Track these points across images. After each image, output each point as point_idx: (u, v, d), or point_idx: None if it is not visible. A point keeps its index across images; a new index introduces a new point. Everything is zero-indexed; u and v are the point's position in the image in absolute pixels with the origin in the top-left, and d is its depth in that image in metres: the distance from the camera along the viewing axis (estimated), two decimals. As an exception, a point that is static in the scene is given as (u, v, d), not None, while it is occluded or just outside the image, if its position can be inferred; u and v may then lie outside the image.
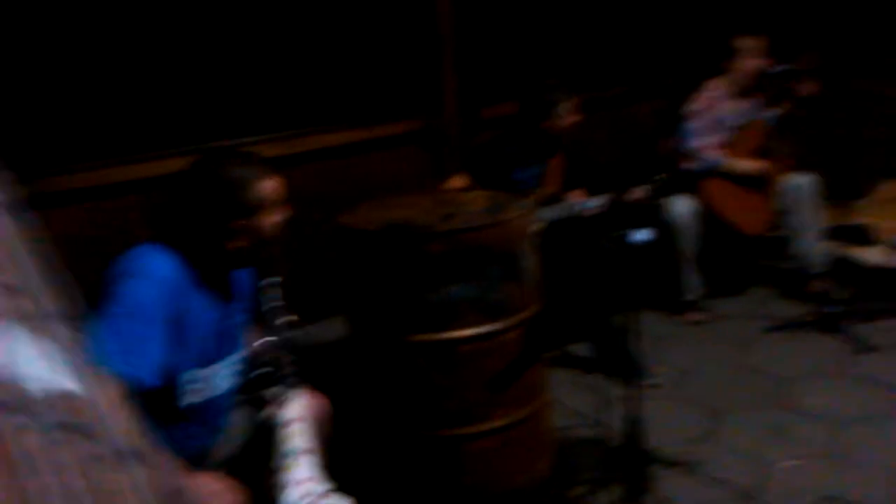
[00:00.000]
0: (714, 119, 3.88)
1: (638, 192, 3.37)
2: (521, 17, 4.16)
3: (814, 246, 3.94)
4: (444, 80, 3.68)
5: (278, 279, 1.93)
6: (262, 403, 1.89)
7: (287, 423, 1.81)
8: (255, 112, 3.34)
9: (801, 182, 3.93)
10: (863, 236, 4.30)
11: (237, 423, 2.04)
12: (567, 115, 3.42)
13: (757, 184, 3.91)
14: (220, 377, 1.93)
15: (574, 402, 3.09)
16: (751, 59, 3.85)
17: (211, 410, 1.93)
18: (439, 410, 2.36)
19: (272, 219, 1.87)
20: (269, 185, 1.86)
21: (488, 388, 2.36)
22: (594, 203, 3.39)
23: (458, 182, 3.38)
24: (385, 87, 3.70)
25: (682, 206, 3.76)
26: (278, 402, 1.84)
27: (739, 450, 2.80)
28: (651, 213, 3.81)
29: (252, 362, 1.99)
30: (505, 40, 4.10)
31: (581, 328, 3.51)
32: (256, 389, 1.92)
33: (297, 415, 1.84)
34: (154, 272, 1.73)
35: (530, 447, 2.51)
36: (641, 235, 4.01)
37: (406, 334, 2.35)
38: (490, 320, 2.33)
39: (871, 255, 4.14)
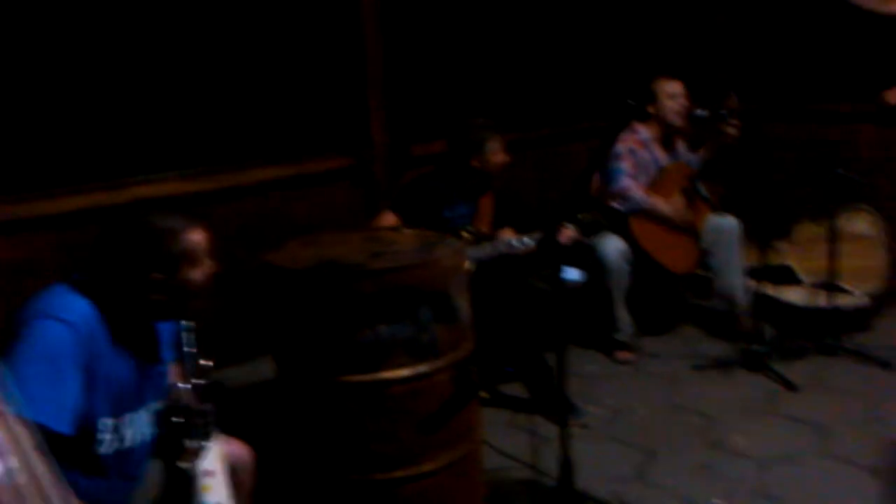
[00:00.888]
0: (640, 161, 3.95)
1: (568, 232, 3.39)
2: (451, 57, 4.19)
3: (738, 285, 4.03)
4: (372, 117, 3.66)
5: (192, 324, 1.85)
6: (178, 454, 1.79)
7: (204, 475, 1.72)
8: (178, 146, 3.26)
9: (724, 223, 4.03)
10: (785, 276, 4.42)
11: (152, 475, 1.93)
12: (496, 154, 3.43)
13: (683, 224, 3.99)
14: (137, 427, 1.82)
15: (506, 442, 3.05)
16: (675, 103, 3.95)
17: (129, 461, 1.82)
18: (370, 454, 2.29)
19: (197, 272, 1.81)
20: (194, 238, 1.80)
21: (420, 430, 2.30)
22: (524, 242, 3.39)
23: (387, 220, 3.34)
24: (313, 122, 3.66)
25: (611, 246, 3.80)
26: (195, 452, 1.75)
27: (669, 489, 2.80)
28: (581, 253, 3.84)
29: (168, 411, 1.89)
30: (435, 78, 4.12)
31: (513, 368, 3.49)
32: (172, 439, 1.82)
33: (216, 465, 1.75)
34: (69, 315, 1.64)
35: (463, 490, 2.45)
36: (572, 275, 4.04)
37: (335, 375, 2.28)
38: (421, 361, 2.28)
39: (793, 295, 4.26)
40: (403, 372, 2.25)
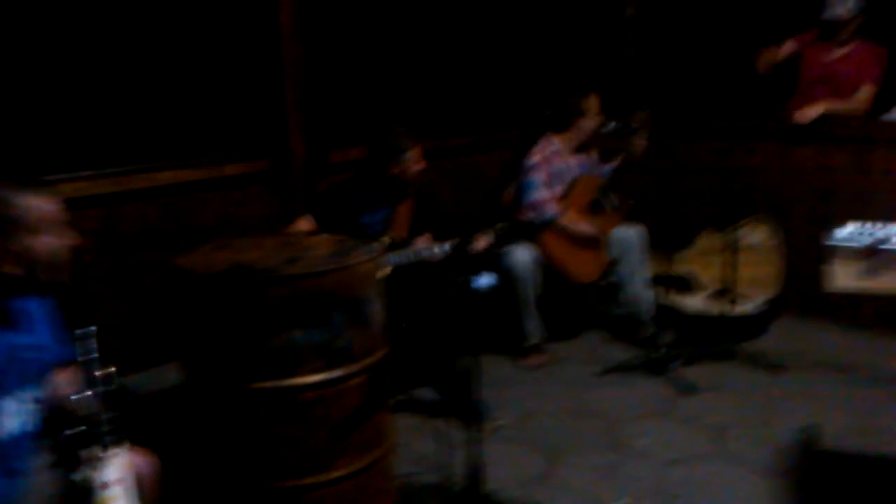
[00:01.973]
0: (551, 173, 4.06)
1: (481, 240, 3.45)
2: (370, 64, 4.20)
3: (642, 293, 4.18)
4: (289, 121, 3.63)
5: (93, 328, 1.80)
6: (76, 464, 1.73)
7: (104, 486, 1.68)
8: (90, 147, 3.17)
9: (629, 233, 4.18)
10: (686, 285, 4.62)
11: (43, 482, 1.86)
12: (415, 162, 3.47)
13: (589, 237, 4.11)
14: (7, 414, 1.77)
15: (418, 447, 3.08)
16: (585, 117, 4.08)
17: (2, 452, 1.76)
18: (281, 460, 2.29)
19: (47, 241, 1.76)
20: (43, 206, 1.76)
21: (332, 436, 2.31)
22: (440, 249, 3.43)
23: (303, 225, 3.34)
24: (230, 125, 3.62)
25: (522, 255, 3.88)
26: (94, 462, 1.70)
27: (574, 490, 2.89)
28: (493, 261, 3.92)
29: (64, 418, 1.83)
30: (354, 85, 4.12)
31: (425, 372, 3.53)
32: (70, 449, 1.76)
33: (117, 476, 1.71)
34: None
35: (374, 495, 2.47)
36: (484, 281, 4.10)
37: (246, 381, 2.26)
38: (334, 367, 2.29)
39: (693, 303, 4.45)
40: (316, 377, 2.26)
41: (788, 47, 4.59)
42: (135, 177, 3.26)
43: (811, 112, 4.30)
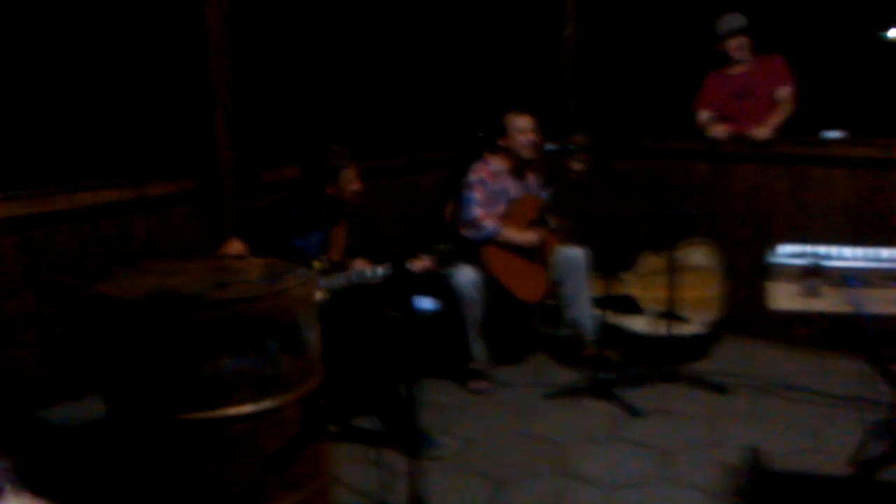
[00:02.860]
0: (491, 191, 4.01)
1: (422, 262, 3.37)
2: (303, 82, 4.11)
3: (585, 314, 4.14)
4: (218, 139, 3.50)
5: None
6: None
7: None
8: (6, 166, 3.00)
9: (572, 254, 4.15)
10: (629, 306, 4.60)
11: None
12: (351, 182, 3.38)
13: (533, 254, 4.07)
14: None
15: (358, 478, 2.96)
16: (525, 137, 4.05)
17: None
18: (211, 496, 2.15)
19: None
20: None
21: (265, 469, 2.19)
22: (378, 272, 3.34)
23: (234, 248, 3.20)
24: (155, 143, 3.47)
25: (465, 276, 3.81)
26: None
27: (522, 520, 2.80)
28: (435, 283, 3.84)
29: None
30: (288, 101, 4.02)
31: (365, 400, 3.41)
32: None
33: None
34: None
35: (310, 532, 2.34)
36: (425, 304, 4.03)
37: (173, 413, 2.13)
38: (267, 396, 2.17)
39: (637, 324, 4.43)
40: (247, 408, 2.14)
41: (704, 118, 4.79)
42: (53, 198, 3.08)
43: (763, 132, 4.44)
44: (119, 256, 3.26)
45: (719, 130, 4.67)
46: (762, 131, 4.45)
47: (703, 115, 4.79)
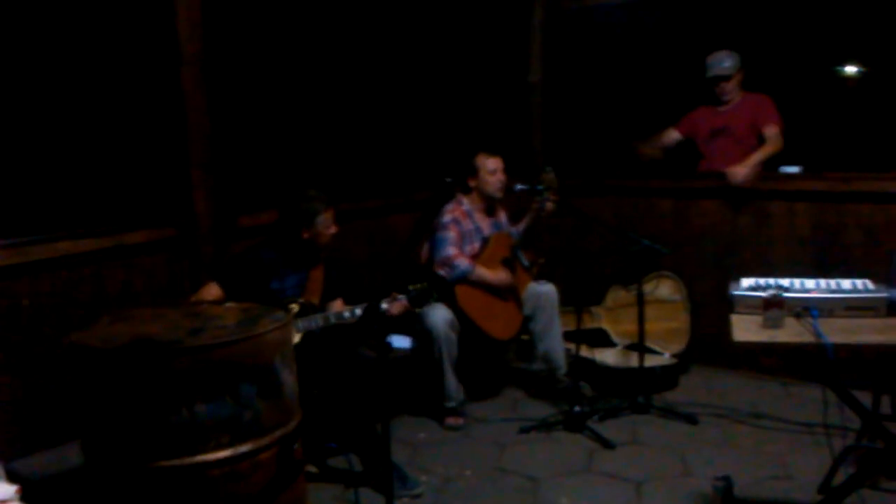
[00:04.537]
0: (464, 231, 4.10)
1: (397, 304, 3.43)
2: (279, 128, 4.18)
3: (556, 348, 4.22)
4: (195, 186, 3.56)
5: None
6: None
7: None
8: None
9: (542, 290, 4.23)
10: (600, 339, 4.69)
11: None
12: (327, 227, 3.44)
13: (506, 291, 4.15)
14: None
15: (335, 519, 2.99)
16: (494, 178, 4.15)
17: None
18: (187, 543, 2.18)
19: None
20: None
21: (242, 513, 2.22)
22: (357, 313, 3.38)
23: (211, 293, 3.25)
24: (132, 192, 3.51)
25: (438, 315, 3.87)
26: None
27: (498, 555, 2.84)
28: (409, 322, 3.90)
29: None
30: (263, 149, 4.09)
31: (341, 440, 3.44)
32: None
33: None
34: None
35: (288, 574, 2.37)
36: (400, 343, 4.08)
37: (149, 460, 2.16)
38: (243, 441, 2.21)
39: (607, 357, 4.52)
40: (223, 453, 2.17)
41: (670, 136, 4.86)
42: (32, 248, 3.11)
43: (740, 172, 4.41)
44: (97, 304, 3.28)
45: (669, 136, 4.77)
46: (738, 172, 4.40)
47: (671, 134, 4.84)
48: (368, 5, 4.59)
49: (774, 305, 2.60)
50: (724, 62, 4.58)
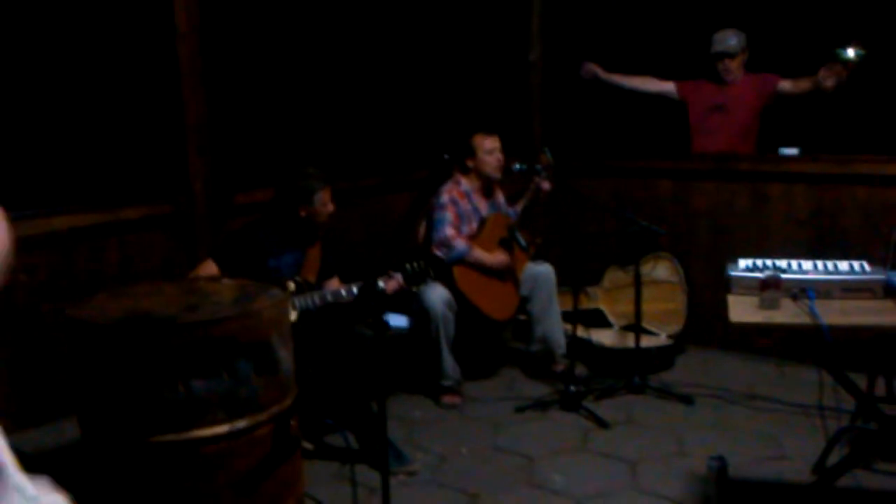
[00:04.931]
0: (462, 211, 4.09)
1: (392, 281, 3.43)
2: (276, 104, 4.16)
3: (554, 329, 4.23)
4: (191, 162, 3.54)
5: None
6: None
7: None
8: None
9: (540, 270, 4.23)
10: (597, 320, 4.70)
11: None
12: (324, 204, 3.43)
13: (504, 272, 4.15)
14: None
15: (332, 496, 3.00)
16: (492, 157, 4.13)
17: None
18: (183, 518, 2.18)
19: None
20: None
21: (237, 490, 2.22)
22: (349, 292, 3.38)
23: (207, 270, 3.24)
24: (129, 168, 3.50)
25: (436, 294, 3.87)
26: None
27: (493, 532, 2.86)
28: (406, 301, 3.90)
29: None
30: (260, 126, 4.07)
31: (338, 417, 3.45)
32: None
33: None
34: None
35: (284, 549, 2.38)
36: (397, 322, 4.08)
37: (145, 435, 2.16)
38: (239, 417, 2.21)
39: (605, 337, 4.53)
40: (220, 429, 2.17)
41: (662, 86, 4.84)
42: (28, 222, 3.10)
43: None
44: (94, 280, 3.28)
45: (661, 85, 4.78)
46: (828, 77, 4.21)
47: (666, 85, 4.81)
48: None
49: (771, 287, 2.61)
50: (730, 40, 4.54)
